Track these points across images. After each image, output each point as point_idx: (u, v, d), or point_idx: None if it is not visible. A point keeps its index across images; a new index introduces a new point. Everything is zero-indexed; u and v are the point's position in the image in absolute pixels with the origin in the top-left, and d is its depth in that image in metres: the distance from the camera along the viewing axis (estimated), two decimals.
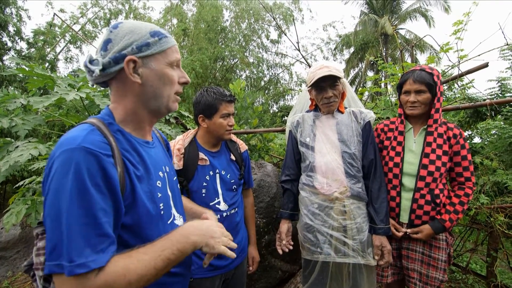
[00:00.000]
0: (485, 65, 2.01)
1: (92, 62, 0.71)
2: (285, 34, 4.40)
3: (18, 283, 3.00)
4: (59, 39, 9.14)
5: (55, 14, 8.91)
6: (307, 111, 1.72)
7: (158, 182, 0.81)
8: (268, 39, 12.83)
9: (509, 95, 3.45)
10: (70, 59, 10.01)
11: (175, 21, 12.03)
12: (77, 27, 9.73)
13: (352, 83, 18.07)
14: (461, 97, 3.05)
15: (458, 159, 1.49)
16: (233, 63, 12.55)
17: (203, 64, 10.02)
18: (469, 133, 3.47)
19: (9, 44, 8.16)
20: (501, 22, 2.11)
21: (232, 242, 0.84)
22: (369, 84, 12.59)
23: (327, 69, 1.46)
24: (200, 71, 9.84)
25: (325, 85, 1.50)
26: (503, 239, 2.29)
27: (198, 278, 1.34)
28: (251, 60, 12.92)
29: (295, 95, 13.07)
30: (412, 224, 1.52)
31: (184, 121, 2.93)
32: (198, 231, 0.77)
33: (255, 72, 12.95)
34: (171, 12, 11.97)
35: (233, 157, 1.53)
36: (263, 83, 13.35)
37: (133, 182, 0.71)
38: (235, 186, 1.50)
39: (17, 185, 2.08)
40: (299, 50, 3.25)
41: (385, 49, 17.12)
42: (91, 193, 0.60)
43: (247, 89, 12.38)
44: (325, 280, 1.50)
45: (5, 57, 7.92)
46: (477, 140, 3.35)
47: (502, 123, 2.84)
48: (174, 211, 0.87)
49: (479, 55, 2.16)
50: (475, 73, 2.12)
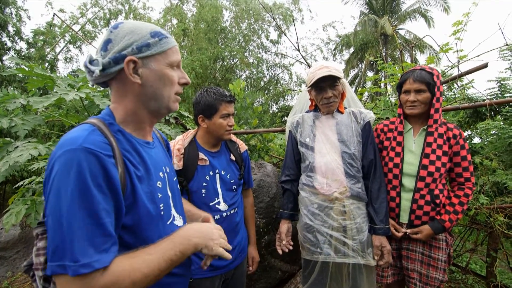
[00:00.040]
0: (485, 66, 2.01)
1: (92, 62, 0.71)
2: (285, 34, 4.40)
3: (17, 283, 2.99)
4: (59, 39, 9.14)
5: (54, 14, 8.92)
6: (307, 112, 1.72)
7: (158, 182, 0.81)
8: (268, 40, 12.85)
9: (508, 95, 3.45)
10: (69, 59, 10.02)
11: (175, 21, 12.04)
12: (76, 27, 9.73)
13: (351, 84, 18.08)
14: (461, 97, 3.05)
15: (457, 159, 1.49)
16: (233, 63, 12.55)
17: (203, 64, 10.02)
18: (469, 133, 3.48)
19: (9, 44, 8.16)
20: (501, 22, 2.11)
21: (228, 244, 0.86)
22: (369, 84, 12.59)
23: (326, 69, 1.46)
24: (200, 71, 9.84)
25: (324, 86, 1.50)
26: (502, 239, 2.29)
27: (198, 278, 1.34)
28: (251, 60, 12.93)
29: (295, 95, 13.08)
30: (412, 224, 1.52)
31: (184, 121, 2.93)
32: (198, 233, 0.79)
33: (255, 72, 12.96)
34: (171, 12, 11.98)
35: (233, 157, 1.53)
36: (263, 83, 13.35)
37: (133, 182, 0.71)
38: (235, 186, 1.50)
39: (16, 185, 2.07)
40: (298, 50, 3.25)
41: (384, 49, 17.13)
42: (94, 194, 0.60)
43: (247, 89, 12.39)
44: (325, 280, 1.50)
45: (5, 57, 7.92)
46: (476, 140, 3.36)
47: (501, 123, 2.84)
48: (173, 211, 0.87)
49: (479, 56, 2.16)
50: (474, 74, 2.12)
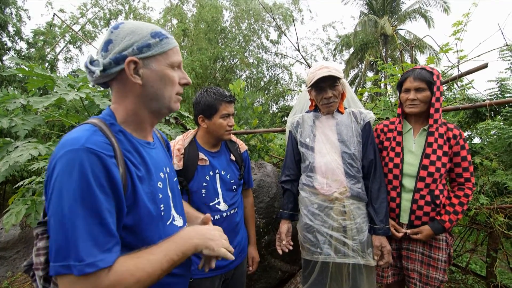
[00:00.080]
0: (485, 66, 2.01)
1: (92, 63, 0.71)
2: (285, 34, 4.40)
3: (17, 283, 2.99)
4: (59, 39, 9.14)
5: (55, 14, 8.92)
6: (307, 112, 1.72)
7: (159, 183, 0.81)
8: (268, 40, 12.85)
9: (508, 95, 3.45)
10: (70, 59, 10.02)
11: (175, 21, 12.04)
12: (77, 27, 9.72)
13: (351, 84, 18.09)
14: (461, 97, 3.05)
15: (458, 159, 1.49)
16: (233, 63, 12.55)
17: (203, 64, 10.02)
18: (469, 133, 3.47)
19: (9, 44, 8.16)
20: (501, 22, 2.11)
21: (230, 245, 0.86)
22: (369, 84, 12.59)
23: (326, 70, 1.46)
24: (200, 71, 9.84)
25: (324, 86, 1.50)
26: (502, 240, 2.30)
27: (198, 278, 1.34)
28: (251, 60, 12.93)
29: (295, 95, 13.08)
30: (412, 224, 1.52)
31: (184, 121, 2.93)
32: (199, 234, 0.80)
33: (255, 72, 12.96)
34: (171, 12, 11.98)
35: (233, 157, 1.53)
36: (263, 84, 13.35)
37: (134, 183, 0.71)
38: (235, 186, 1.50)
39: (16, 185, 2.08)
40: (299, 50, 3.26)
41: (384, 49, 17.14)
42: (96, 193, 0.60)
43: (247, 89, 12.39)
44: (325, 280, 1.50)
45: (5, 57, 7.92)
46: (476, 140, 3.36)
47: (501, 124, 2.84)
48: (173, 212, 0.87)
49: (479, 56, 2.16)
50: (474, 74, 2.13)
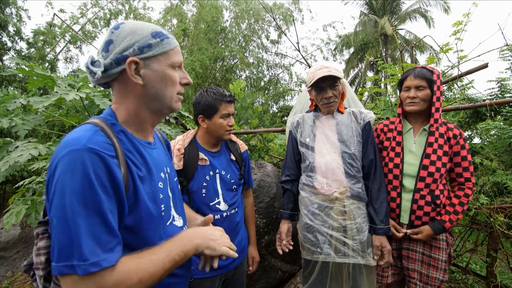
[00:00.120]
0: (485, 66, 2.01)
1: (93, 63, 0.71)
2: (285, 34, 4.40)
3: (17, 283, 2.99)
4: (59, 39, 9.13)
5: (55, 14, 8.92)
6: (307, 112, 1.72)
7: (160, 183, 0.81)
8: (268, 40, 12.85)
9: (508, 95, 3.45)
10: (70, 59, 10.02)
11: (175, 21, 12.03)
12: (77, 27, 9.72)
13: (352, 84, 18.08)
14: (461, 97, 3.05)
15: (458, 159, 1.49)
16: (233, 63, 12.55)
17: (203, 64, 10.02)
18: (469, 133, 3.48)
19: (9, 44, 8.16)
20: (501, 22, 2.12)
21: (232, 243, 0.87)
22: (369, 84, 12.59)
23: (326, 70, 1.46)
24: (200, 71, 9.84)
25: (325, 86, 1.50)
26: (502, 240, 2.30)
27: (198, 278, 1.34)
28: (251, 60, 12.92)
29: (295, 95, 13.07)
30: (412, 225, 1.52)
31: (184, 121, 2.94)
32: (200, 235, 0.81)
33: (255, 72, 12.95)
34: (171, 12, 11.97)
35: (233, 157, 1.53)
36: (263, 84, 13.35)
37: (135, 183, 0.71)
38: (235, 186, 1.50)
39: (16, 185, 2.08)
40: (299, 50, 3.25)
41: (385, 49, 17.13)
42: (99, 193, 0.60)
43: (247, 89, 12.39)
44: (325, 280, 1.50)
45: (5, 57, 7.92)
46: (476, 140, 3.36)
47: (501, 124, 2.84)
48: (173, 212, 0.87)
49: (479, 56, 2.16)
50: (474, 74, 2.13)
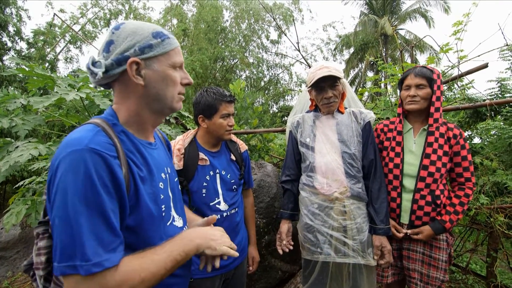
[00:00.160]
0: (485, 66, 2.01)
1: (94, 64, 0.70)
2: (285, 34, 4.40)
3: (18, 283, 3.00)
4: (59, 39, 9.13)
5: (55, 14, 8.92)
6: (307, 112, 1.72)
7: (160, 183, 0.81)
8: (268, 40, 12.85)
9: (508, 95, 3.45)
10: (70, 59, 10.01)
11: (175, 21, 12.03)
12: (77, 27, 9.72)
13: (352, 84, 18.08)
14: (461, 97, 3.05)
15: (458, 159, 1.49)
16: (233, 63, 12.55)
17: (203, 64, 10.02)
18: (469, 133, 3.47)
19: (9, 44, 8.16)
20: (501, 22, 2.12)
21: (232, 243, 0.87)
22: (369, 84, 12.59)
23: (327, 70, 1.46)
24: (200, 71, 9.84)
25: (325, 86, 1.50)
26: (503, 240, 2.29)
27: (198, 278, 1.34)
28: (251, 60, 12.92)
29: (295, 95, 13.07)
30: (412, 225, 1.52)
31: (184, 121, 2.94)
32: (200, 235, 0.81)
33: (255, 72, 12.95)
34: (171, 12, 11.97)
35: (233, 157, 1.53)
36: (263, 84, 13.35)
37: (137, 183, 0.71)
38: (235, 186, 1.50)
39: (17, 185, 2.08)
40: (299, 50, 3.25)
41: (385, 49, 17.13)
42: (101, 194, 0.60)
43: (247, 89, 12.39)
44: (325, 280, 1.50)
45: (5, 57, 7.92)
46: (477, 140, 3.35)
47: (501, 124, 2.84)
48: (173, 212, 0.87)
49: (479, 56, 2.16)
50: (475, 74, 2.13)
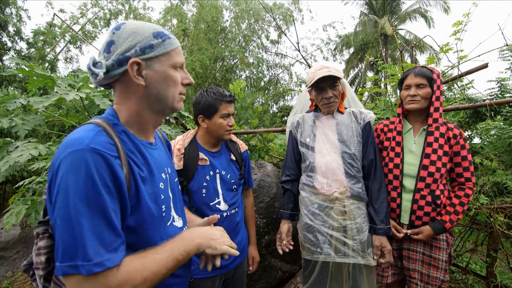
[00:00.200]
0: (485, 66, 2.01)
1: (95, 65, 0.70)
2: (285, 34, 4.40)
3: (18, 283, 2.99)
4: (59, 39, 9.13)
5: (55, 14, 8.93)
6: (307, 112, 1.72)
7: (161, 183, 0.81)
8: (268, 40, 12.85)
9: (508, 95, 3.45)
10: (70, 59, 10.01)
11: (175, 21, 12.04)
12: (77, 27, 9.72)
13: (352, 84, 18.08)
14: (461, 97, 3.05)
15: (458, 159, 1.49)
16: (233, 63, 12.55)
17: (203, 64, 10.02)
18: (469, 133, 3.48)
19: (9, 44, 8.16)
20: (501, 22, 2.12)
21: (232, 242, 0.87)
22: (369, 84, 12.59)
23: (327, 70, 1.46)
24: (200, 71, 9.84)
25: (325, 86, 1.50)
26: (502, 240, 2.29)
27: (198, 278, 1.34)
28: (251, 60, 12.93)
29: (295, 95, 13.08)
30: (412, 225, 1.51)
31: (184, 121, 2.94)
32: (201, 234, 0.82)
33: (255, 72, 12.96)
34: (171, 12, 11.98)
35: (233, 157, 1.53)
36: (263, 84, 13.35)
37: (137, 183, 0.71)
38: (235, 186, 1.50)
39: (17, 185, 2.08)
40: (299, 50, 3.26)
41: (384, 49, 17.13)
42: (102, 194, 0.60)
43: (247, 89, 12.39)
44: (325, 280, 1.50)
45: (5, 57, 7.92)
46: (476, 140, 3.35)
47: (501, 124, 2.84)
48: (173, 213, 0.87)
49: (479, 56, 2.16)
50: (474, 74, 2.13)
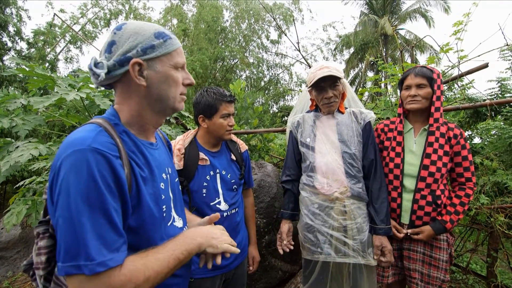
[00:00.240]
0: (485, 66, 2.01)
1: (97, 65, 0.70)
2: (285, 34, 4.39)
3: (18, 283, 3.00)
4: (59, 39, 9.15)
5: (55, 14, 8.94)
6: (308, 112, 1.72)
7: (161, 184, 0.81)
8: (268, 40, 12.86)
9: (509, 95, 3.45)
10: (70, 59, 10.03)
11: (175, 21, 12.05)
12: (77, 27, 9.73)
13: (352, 84, 18.08)
14: (461, 97, 3.05)
15: (458, 159, 1.49)
16: (233, 63, 12.56)
17: (203, 64, 10.03)
18: (469, 133, 3.47)
19: (9, 44, 8.17)
20: (501, 22, 2.12)
21: (232, 240, 0.88)
22: (369, 84, 12.58)
23: (327, 70, 1.46)
24: (200, 71, 9.85)
25: (325, 86, 1.50)
26: (503, 239, 2.29)
27: (198, 278, 1.34)
28: (251, 60, 12.94)
29: (295, 95, 13.08)
30: (413, 225, 1.51)
31: (184, 121, 2.94)
32: (201, 234, 0.82)
33: (255, 72, 12.97)
34: (171, 12, 11.99)
35: (233, 157, 1.53)
36: (263, 84, 13.36)
37: (138, 183, 0.71)
38: (235, 186, 1.50)
39: (17, 185, 2.08)
40: (299, 50, 3.26)
41: (385, 49, 17.12)
42: (104, 193, 0.60)
43: (247, 89, 12.39)
44: (325, 280, 1.50)
45: (5, 57, 7.93)
46: (477, 140, 3.35)
47: (502, 124, 2.84)
48: (174, 213, 0.87)
49: (479, 56, 2.16)
50: (475, 74, 2.13)
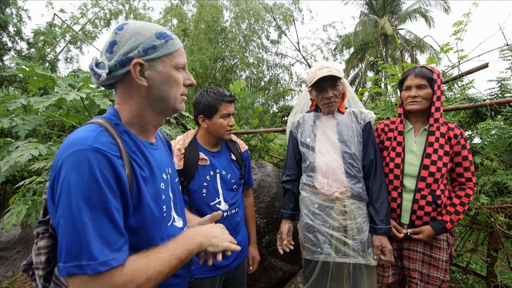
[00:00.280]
0: (485, 66, 2.01)
1: (98, 65, 0.70)
2: (285, 34, 4.39)
3: (18, 283, 3.00)
4: (59, 39, 9.15)
5: (55, 14, 8.94)
6: (308, 112, 1.72)
7: (162, 184, 0.81)
8: (268, 40, 12.87)
9: (509, 95, 3.45)
10: (70, 59, 10.04)
11: (175, 21, 12.05)
12: (77, 28, 9.73)
13: (352, 84, 18.08)
14: (461, 97, 3.05)
15: (459, 159, 1.49)
16: (233, 63, 12.56)
17: (203, 64, 10.03)
18: (469, 133, 3.47)
19: (9, 44, 8.18)
20: (501, 22, 2.12)
21: (232, 238, 0.89)
22: (369, 84, 12.58)
23: (327, 70, 1.46)
24: (200, 71, 9.85)
25: (325, 86, 1.50)
26: (503, 239, 2.29)
27: (198, 278, 1.34)
28: (251, 60, 12.94)
29: (295, 95, 13.09)
30: (413, 225, 1.51)
31: (184, 121, 2.94)
32: (202, 233, 0.82)
33: (255, 72, 12.97)
34: (171, 12, 11.99)
35: (233, 157, 1.53)
36: (263, 84, 13.36)
37: (139, 183, 0.71)
38: (235, 186, 1.50)
39: (17, 185, 2.08)
40: (299, 50, 3.26)
41: (385, 49, 17.12)
42: (105, 193, 0.60)
43: (247, 89, 12.40)
44: (325, 280, 1.50)
45: (5, 57, 7.93)
46: (477, 140, 3.35)
47: (502, 123, 2.84)
48: (174, 213, 0.87)
49: (479, 56, 2.16)
50: (475, 74, 2.13)
